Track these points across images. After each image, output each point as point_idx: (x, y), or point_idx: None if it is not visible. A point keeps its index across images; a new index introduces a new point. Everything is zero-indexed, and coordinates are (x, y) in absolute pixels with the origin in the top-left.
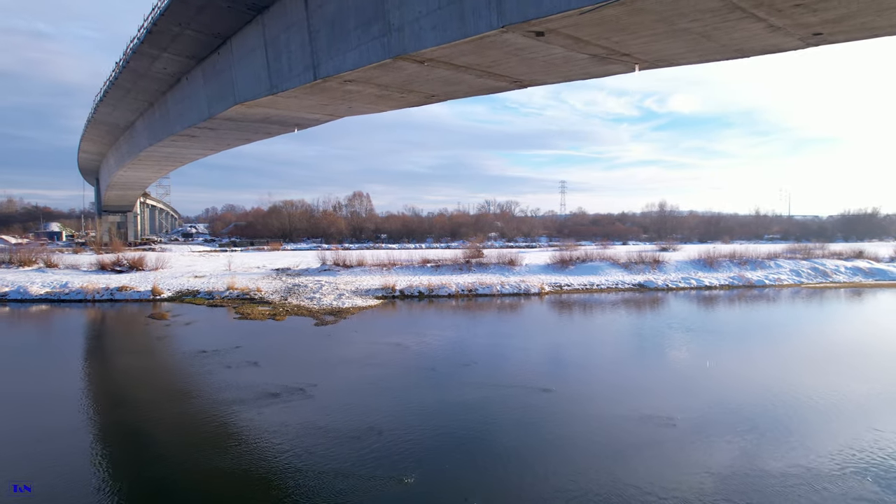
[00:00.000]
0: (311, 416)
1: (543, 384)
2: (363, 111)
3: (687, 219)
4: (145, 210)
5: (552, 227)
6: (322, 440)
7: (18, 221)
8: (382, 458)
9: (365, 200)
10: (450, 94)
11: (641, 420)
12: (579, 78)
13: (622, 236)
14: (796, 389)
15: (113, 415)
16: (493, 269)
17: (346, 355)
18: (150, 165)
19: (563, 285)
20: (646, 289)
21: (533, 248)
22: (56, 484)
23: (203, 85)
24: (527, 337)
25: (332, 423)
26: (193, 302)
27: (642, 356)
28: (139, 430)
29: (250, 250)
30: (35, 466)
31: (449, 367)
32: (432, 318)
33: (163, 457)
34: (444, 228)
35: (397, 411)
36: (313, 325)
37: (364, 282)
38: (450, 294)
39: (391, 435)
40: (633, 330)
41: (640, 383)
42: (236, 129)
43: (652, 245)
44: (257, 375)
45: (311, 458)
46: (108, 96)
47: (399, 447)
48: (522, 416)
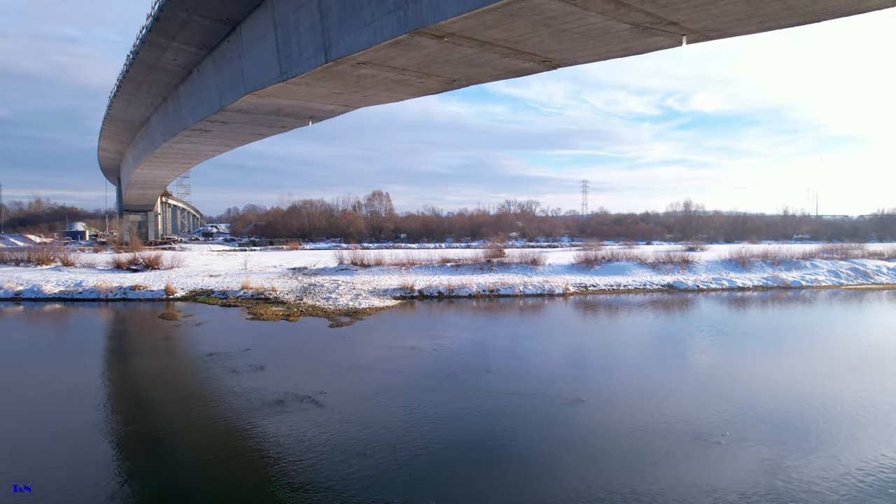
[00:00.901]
0: (316, 428)
1: (572, 393)
2: (379, 99)
3: (712, 218)
4: (167, 210)
5: (574, 227)
6: (328, 456)
7: (45, 221)
8: (395, 477)
9: (384, 200)
10: (472, 78)
11: (678, 433)
12: (616, 55)
13: (646, 236)
14: (838, 398)
15: (105, 419)
16: (515, 268)
17: (359, 359)
18: (167, 163)
19: (589, 286)
20: (675, 290)
21: (555, 247)
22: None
23: (214, 76)
24: (552, 340)
25: (339, 437)
26: (207, 302)
27: (675, 362)
28: (132, 437)
29: (269, 249)
30: (34, 468)
31: (469, 373)
32: (452, 320)
33: (152, 466)
34: (465, 228)
35: (412, 423)
36: (328, 326)
37: (382, 281)
38: (470, 294)
39: (405, 450)
40: (664, 333)
41: (675, 392)
42: (249, 123)
43: (678, 245)
44: (263, 381)
45: (315, 476)
46: (121, 91)
47: (413, 465)
48: (551, 428)
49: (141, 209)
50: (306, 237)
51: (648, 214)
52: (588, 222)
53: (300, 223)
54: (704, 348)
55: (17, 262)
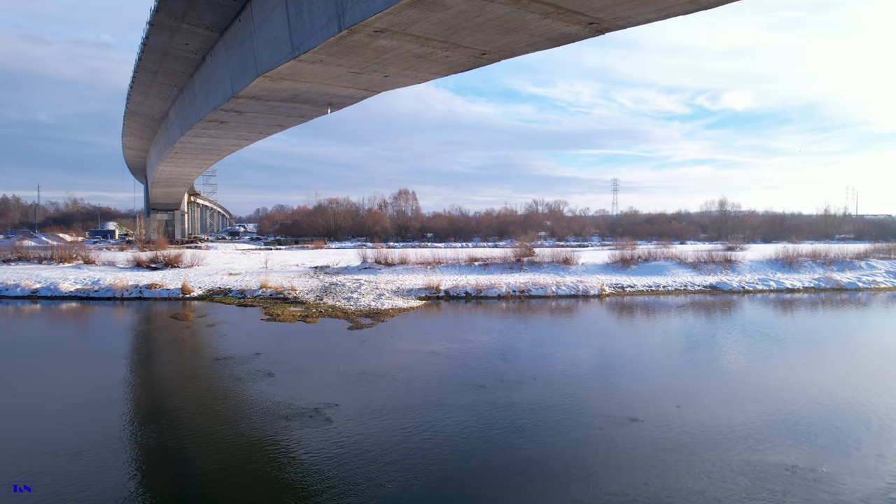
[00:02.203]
0: (324, 450)
1: (623, 410)
2: (401, 80)
3: (748, 217)
4: (196, 209)
5: (604, 227)
6: (336, 487)
7: (79, 221)
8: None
9: (411, 199)
10: (505, 50)
11: (751, 462)
12: (685, 9)
13: (679, 236)
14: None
15: (93, 428)
16: (546, 268)
17: (379, 367)
18: (188, 159)
19: (626, 286)
20: (719, 291)
21: (585, 247)
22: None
23: (226, 61)
24: (592, 347)
25: (352, 463)
26: (223, 301)
27: (735, 375)
28: (119, 446)
29: (294, 248)
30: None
31: (501, 383)
32: (480, 323)
33: (140, 477)
34: (492, 227)
35: (438, 446)
36: (347, 328)
37: (406, 281)
38: (499, 295)
39: (429, 481)
40: (716, 341)
41: (748, 424)
42: (266, 112)
43: (714, 245)
44: (269, 391)
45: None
46: (136, 82)
47: (440, 501)
48: (605, 454)
49: (167, 208)
50: (332, 236)
51: (681, 213)
52: (619, 221)
53: (326, 222)
54: (762, 358)
55: (41, 259)
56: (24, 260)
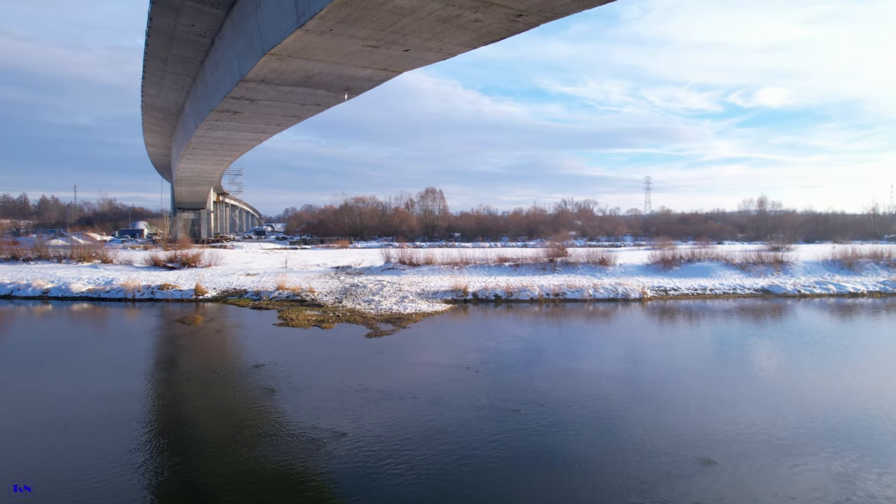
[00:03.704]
0: (323, 495)
1: (690, 446)
2: (424, 55)
3: (788, 217)
4: (225, 209)
5: (636, 226)
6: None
7: (111, 220)
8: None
9: (438, 197)
10: (546, 8)
11: None
12: None
13: (716, 235)
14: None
15: (54, 447)
16: (581, 269)
17: (397, 383)
18: (207, 155)
19: (669, 289)
20: (771, 294)
21: (618, 247)
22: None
23: (233, 41)
24: (640, 361)
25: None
26: (237, 303)
27: (817, 398)
28: (83, 470)
29: (319, 248)
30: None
31: (539, 408)
32: (513, 330)
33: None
34: (521, 227)
35: (461, 496)
36: (364, 335)
37: (431, 282)
38: (532, 298)
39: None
40: (780, 351)
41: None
42: (279, 100)
43: (755, 245)
44: (264, 412)
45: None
46: (147, 72)
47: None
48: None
49: (193, 207)
50: (358, 236)
51: (717, 213)
52: (652, 221)
53: (352, 221)
54: (837, 373)
55: (60, 258)
56: (45, 259)
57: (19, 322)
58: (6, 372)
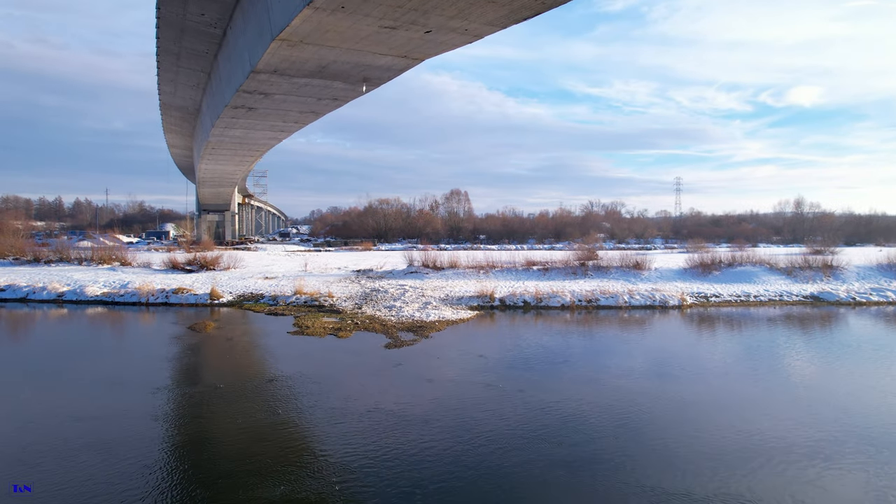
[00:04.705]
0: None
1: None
2: (448, 38)
3: (826, 218)
4: (251, 211)
5: (667, 228)
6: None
7: (139, 222)
8: None
9: (463, 199)
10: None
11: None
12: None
13: (750, 238)
14: None
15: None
16: (614, 273)
17: (412, 405)
18: (227, 156)
19: (710, 296)
20: (822, 302)
21: (649, 249)
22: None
23: (243, 30)
24: (688, 379)
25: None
26: (253, 308)
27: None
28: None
29: (342, 250)
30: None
31: (585, 440)
32: (543, 340)
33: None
34: (548, 229)
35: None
36: (383, 346)
37: (456, 287)
38: (563, 305)
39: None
40: (844, 367)
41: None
42: (294, 93)
43: (797, 248)
44: (267, 438)
45: None
46: (161, 68)
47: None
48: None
49: (218, 209)
50: (382, 238)
51: (750, 214)
52: (683, 223)
53: (376, 223)
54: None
55: (81, 261)
56: (66, 261)
57: (21, 328)
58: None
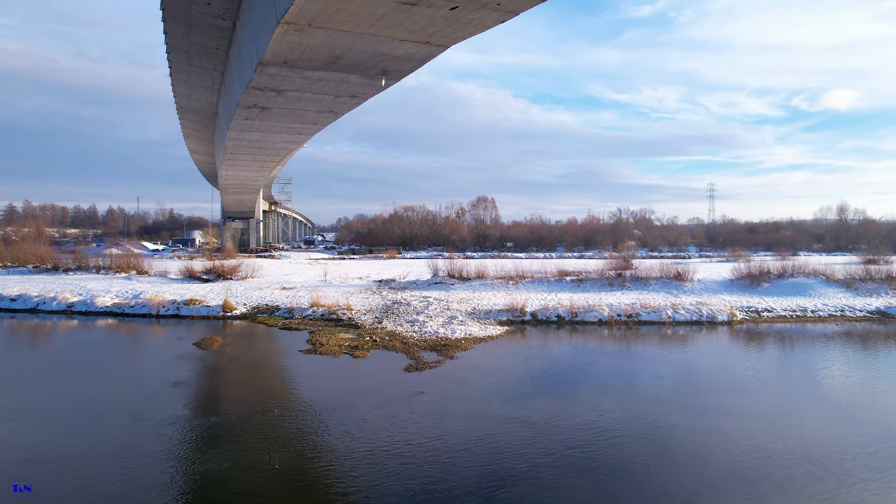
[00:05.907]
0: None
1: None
2: (475, 18)
3: (870, 225)
4: (277, 218)
5: (700, 236)
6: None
7: (167, 230)
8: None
9: (490, 206)
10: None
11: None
12: None
13: (789, 246)
14: None
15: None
16: (654, 285)
17: (433, 447)
18: (246, 161)
19: (761, 310)
20: (890, 318)
21: (684, 258)
22: None
23: (249, 18)
24: (754, 413)
25: None
26: (266, 322)
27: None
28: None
29: (367, 258)
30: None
31: (640, 490)
32: (581, 362)
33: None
34: (577, 236)
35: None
36: (403, 368)
37: (484, 300)
38: (600, 320)
39: None
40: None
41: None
42: (308, 90)
43: (844, 257)
44: (255, 491)
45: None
46: (173, 69)
47: None
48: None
49: (242, 216)
50: (407, 245)
51: (788, 221)
52: (717, 230)
53: (401, 231)
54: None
55: (98, 269)
56: (84, 269)
57: (17, 341)
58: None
